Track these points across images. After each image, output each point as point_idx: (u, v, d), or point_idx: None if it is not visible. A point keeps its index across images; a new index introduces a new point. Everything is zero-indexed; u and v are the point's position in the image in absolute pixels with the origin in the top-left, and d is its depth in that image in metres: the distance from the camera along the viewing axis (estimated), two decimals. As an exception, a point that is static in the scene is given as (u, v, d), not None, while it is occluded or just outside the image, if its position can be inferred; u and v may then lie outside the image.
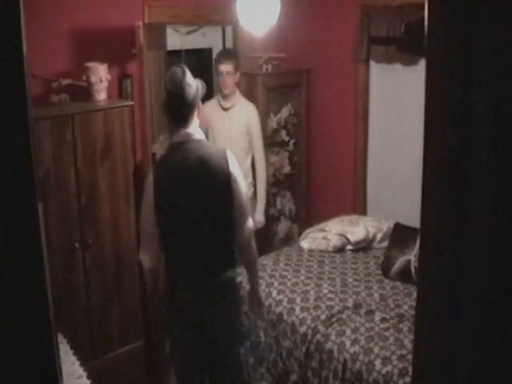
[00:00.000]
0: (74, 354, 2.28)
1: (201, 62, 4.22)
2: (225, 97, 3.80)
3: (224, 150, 2.55)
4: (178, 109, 2.47)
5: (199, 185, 2.43)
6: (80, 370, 2.17)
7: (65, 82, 3.20)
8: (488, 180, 0.62)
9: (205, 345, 2.54)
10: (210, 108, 3.73)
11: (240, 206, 2.49)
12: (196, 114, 2.52)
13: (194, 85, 2.50)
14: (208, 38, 4.16)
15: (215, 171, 2.43)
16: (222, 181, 2.44)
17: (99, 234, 3.23)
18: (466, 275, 0.65)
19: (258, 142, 3.89)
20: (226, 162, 2.46)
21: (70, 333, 2.44)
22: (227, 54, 3.85)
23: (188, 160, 2.43)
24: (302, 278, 3.33)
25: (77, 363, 2.21)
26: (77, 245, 3.12)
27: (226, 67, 3.70)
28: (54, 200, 2.99)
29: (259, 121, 3.91)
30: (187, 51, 3.87)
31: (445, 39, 0.63)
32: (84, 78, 3.24)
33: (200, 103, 2.56)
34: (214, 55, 4.15)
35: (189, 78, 2.48)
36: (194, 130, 2.51)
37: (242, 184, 2.54)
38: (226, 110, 3.81)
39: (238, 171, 2.52)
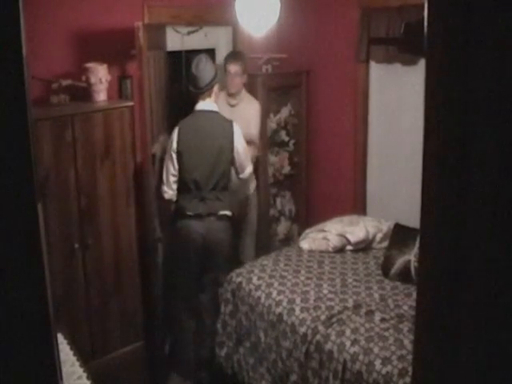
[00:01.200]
0: (74, 355, 2.27)
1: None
2: (231, 95, 3.87)
3: (231, 121, 3.40)
4: (198, 87, 3.34)
5: (210, 143, 3.31)
6: (80, 371, 2.17)
7: (64, 82, 3.19)
8: (488, 180, 0.62)
9: (200, 254, 3.39)
10: (218, 104, 3.77)
11: (240, 163, 3.43)
12: (213, 93, 3.40)
13: (212, 71, 3.37)
14: (210, 39, 4.16)
15: (222, 134, 3.34)
16: (227, 141, 3.34)
17: (99, 234, 3.23)
18: (465, 275, 0.65)
19: (254, 134, 3.90)
20: (231, 127, 3.36)
21: (70, 333, 2.43)
22: (236, 55, 3.90)
23: (203, 123, 3.36)
24: (302, 278, 3.33)
25: (77, 364, 2.21)
26: (76, 245, 3.12)
27: (234, 67, 3.77)
28: (54, 200, 2.99)
29: (259, 116, 3.96)
30: (190, 52, 3.87)
31: (444, 39, 0.63)
32: (84, 78, 3.24)
33: (216, 87, 3.40)
34: (217, 56, 4.15)
35: (209, 65, 3.37)
36: (210, 104, 3.40)
37: (242, 147, 3.42)
38: (232, 106, 3.88)
39: (240, 137, 3.40)
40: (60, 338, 2.31)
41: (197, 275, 3.44)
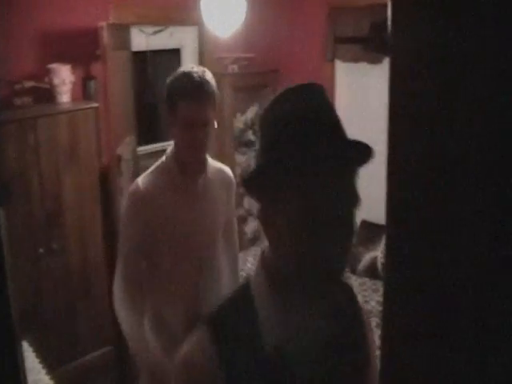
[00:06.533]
0: (41, 363, 2.23)
1: (170, 62, 4.17)
2: None
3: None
4: None
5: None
6: (46, 379, 2.12)
7: (27, 84, 3.12)
8: (467, 176, 0.63)
9: None
10: None
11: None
12: None
13: None
14: (175, 39, 4.12)
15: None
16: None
17: (65, 238, 3.17)
18: (433, 269, 0.66)
19: None
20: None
21: (36, 340, 2.38)
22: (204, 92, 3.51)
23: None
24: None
25: (43, 372, 2.16)
26: (41, 250, 3.06)
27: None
28: (17, 204, 2.93)
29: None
30: (156, 52, 3.83)
31: (408, 38, 0.64)
32: (47, 79, 3.17)
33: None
34: (183, 56, 4.12)
35: None
36: None
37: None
38: None
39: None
40: (25, 345, 2.26)
41: None
